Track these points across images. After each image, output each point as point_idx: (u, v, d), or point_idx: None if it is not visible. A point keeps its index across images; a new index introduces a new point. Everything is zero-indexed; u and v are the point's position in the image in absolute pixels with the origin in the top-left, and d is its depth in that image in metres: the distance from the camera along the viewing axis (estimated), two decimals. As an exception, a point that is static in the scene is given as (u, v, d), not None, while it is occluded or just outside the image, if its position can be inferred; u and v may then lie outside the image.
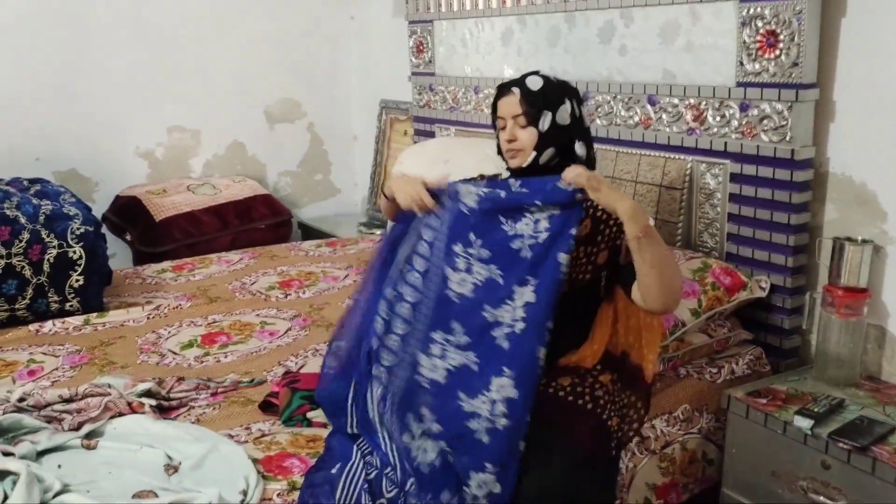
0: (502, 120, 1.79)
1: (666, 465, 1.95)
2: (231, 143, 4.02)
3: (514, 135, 1.76)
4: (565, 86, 1.80)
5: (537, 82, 1.76)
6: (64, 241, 2.46)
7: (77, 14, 3.50)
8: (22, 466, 1.45)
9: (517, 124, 1.75)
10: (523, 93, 1.75)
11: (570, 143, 1.77)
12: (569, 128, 1.76)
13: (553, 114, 1.74)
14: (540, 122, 1.74)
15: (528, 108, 1.74)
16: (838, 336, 1.96)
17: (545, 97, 1.74)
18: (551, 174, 1.70)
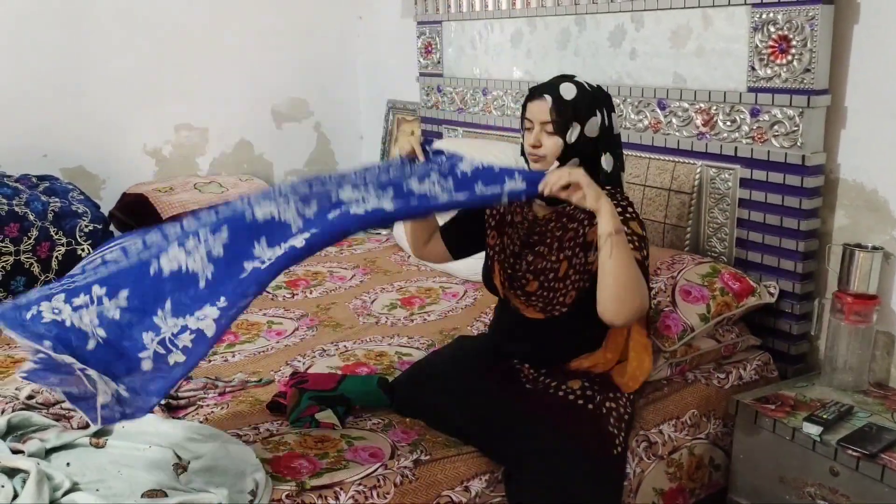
0: (530, 122, 1.77)
1: (673, 471, 1.95)
2: (238, 142, 4.02)
3: (539, 140, 1.75)
4: (598, 95, 1.77)
5: (571, 91, 1.73)
6: (72, 239, 2.46)
7: (86, 10, 3.50)
8: (31, 465, 1.45)
9: (544, 130, 1.74)
10: (555, 101, 1.72)
11: (595, 154, 1.75)
12: (596, 139, 1.75)
13: (582, 126, 1.72)
14: (568, 134, 1.72)
15: (558, 118, 1.72)
16: (847, 343, 1.95)
17: (576, 108, 1.72)
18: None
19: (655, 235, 2.37)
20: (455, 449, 1.70)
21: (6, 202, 2.41)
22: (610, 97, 1.81)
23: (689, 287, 2.08)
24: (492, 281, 1.87)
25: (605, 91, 1.81)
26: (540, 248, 1.80)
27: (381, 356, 2.15)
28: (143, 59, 3.67)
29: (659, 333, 2.00)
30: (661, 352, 2.01)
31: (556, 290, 1.76)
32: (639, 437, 1.88)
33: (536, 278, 1.79)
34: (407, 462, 1.63)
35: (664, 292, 2.07)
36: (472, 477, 1.65)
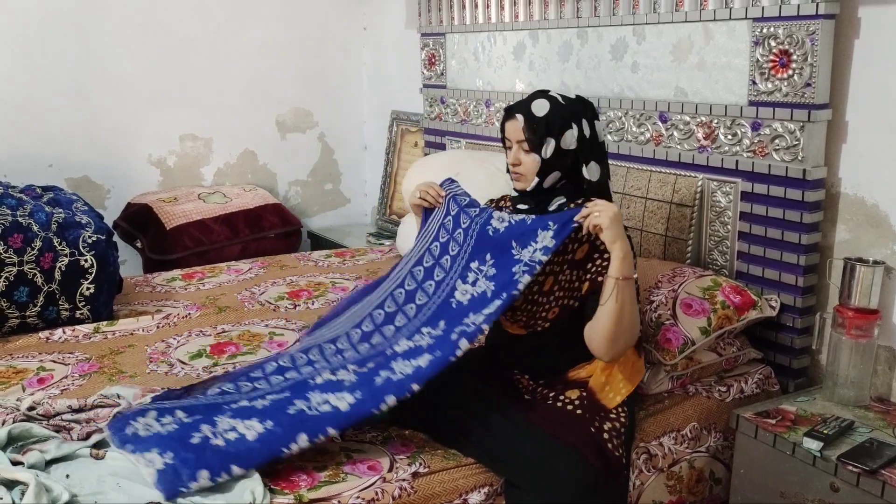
0: (509, 141, 1.80)
1: (673, 484, 1.95)
2: (242, 152, 4.04)
3: (518, 159, 1.78)
4: (575, 107, 1.78)
5: (543, 107, 1.75)
6: (76, 250, 2.47)
7: (91, 22, 3.54)
8: (31, 477, 1.45)
9: (521, 149, 1.77)
10: (527, 119, 1.75)
11: (577, 164, 1.77)
12: (575, 151, 1.76)
13: (557, 140, 1.74)
14: (543, 150, 1.74)
15: (531, 136, 1.74)
16: (848, 357, 1.95)
17: (549, 124, 1.73)
18: (557, 195, 1.76)
19: (656, 248, 2.37)
20: (454, 461, 1.69)
21: (10, 213, 2.42)
22: (591, 106, 1.82)
23: (690, 300, 2.08)
24: None
25: (584, 102, 1.82)
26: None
27: (382, 368, 2.15)
28: (148, 69, 3.70)
29: (659, 346, 2.00)
30: (661, 365, 2.01)
31: (539, 304, 1.77)
32: (639, 449, 1.88)
33: (524, 292, 1.79)
34: (405, 475, 1.62)
35: (665, 305, 2.07)
36: (471, 489, 1.65)
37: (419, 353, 1.69)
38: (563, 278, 1.74)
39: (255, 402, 1.70)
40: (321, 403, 1.64)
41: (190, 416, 1.67)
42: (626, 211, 2.44)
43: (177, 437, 1.60)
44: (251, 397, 1.73)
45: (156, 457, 1.55)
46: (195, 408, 1.71)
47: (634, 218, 2.42)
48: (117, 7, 3.58)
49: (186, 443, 1.57)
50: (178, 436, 1.60)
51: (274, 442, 1.58)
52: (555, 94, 1.80)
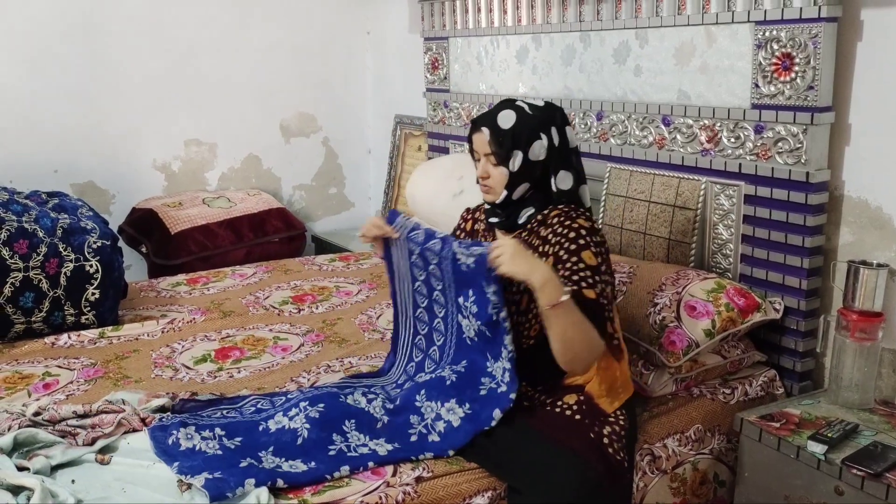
0: (476, 154, 1.77)
1: (677, 486, 1.95)
2: (246, 157, 4.05)
3: (486, 172, 1.75)
4: (543, 116, 1.74)
5: (509, 119, 1.71)
6: (81, 255, 2.48)
7: (96, 28, 3.55)
8: (36, 482, 1.46)
9: (489, 161, 1.74)
10: (493, 132, 1.71)
11: (546, 174, 1.75)
12: (545, 161, 1.74)
13: (525, 152, 1.71)
14: (510, 163, 1.71)
15: (498, 149, 1.71)
16: (853, 360, 1.94)
17: (515, 136, 1.70)
18: (526, 206, 1.76)
19: (659, 251, 2.37)
20: (457, 466, 1.70)
21: (16, 219, 2.44)
22: (560, 113, 1.78)
23: (695, 302, 2.08)
24: None
25: (553, 108, 1.78)
26: (503, 280, 1.78)
27: (386, 372, 2.15)
28: (153, 75, 3.71)
29: (664, 349, 2.00)
30: (665, 367, 2.02)
31: (520, 323, 1.76)
32: (643, 450, 1.88)
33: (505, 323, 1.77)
34: (409, 479, 1.63)
35: (669, 308, 2.07)
36: (475, 494, 1.65)
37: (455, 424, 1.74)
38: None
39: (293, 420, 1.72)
40: (359, 446, 1.68)
41: (231, 438, 1.69)
42: (630, 214, 2.44)
43: (224, 460, 1.62)
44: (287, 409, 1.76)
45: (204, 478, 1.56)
46: (235, 427, 1.73)
47: (638, 221, 2.42)
48: (122, 14, 3.59)
49: (235, 467, 1.59)
50: (225, 459, 1.62)
51: (318, 473, 1.62)
52: (522, 102, 1.76)
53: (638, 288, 2.15)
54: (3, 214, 2.43)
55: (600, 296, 1.65)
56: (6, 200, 2.52)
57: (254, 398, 1.90)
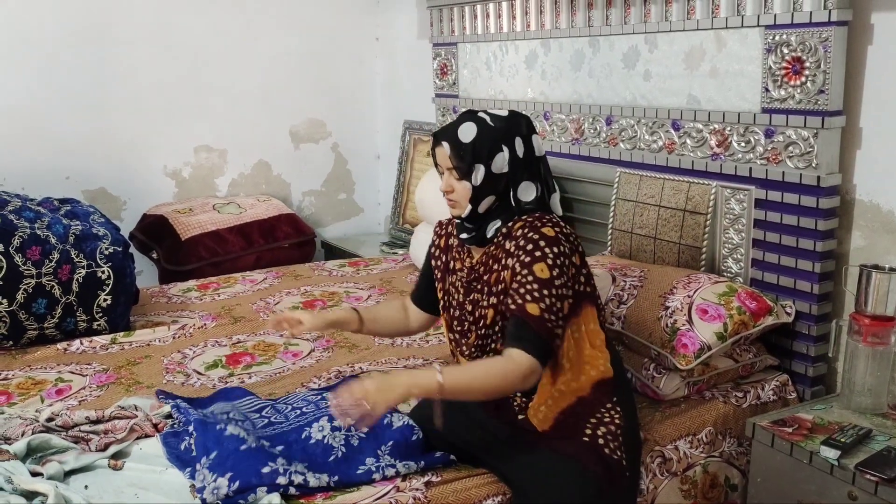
0: (440, 167, 1.75)
1: (688, 488, 1.94)
2: (256, 163, 4.07)
3: (449, 186, 1.72)
4: (505, 127, 1.70)
5: (469, 132, 1.67)
6: (93, 262, 2.50)
7: (107, 36, 3.58)
8: (50, 488, 1.47)
9: (452, 176, 1.71)
10: (453, 146, 1.68)
11: (511, 186, 1.71)
12: (508, 173, 1.70)
13: (487, 166, 1.67)
14: (473, 177, 1.68)
15: (459, 164, 1.68)
16: (865, 364, 1.93)
17: (475, 150, 1.66)
18: (493, 218, 1.72)
19: (670, 256, 2.37)
20: (466, 471, 1.70)
21: (28, 226, 2.45)
22: (526, 121, 1.74)
23: (706, 306, 2.08)
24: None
25: (518, 117, 1.73)
26: (475, 295, 1.76)
27: (396, 378, 2.15)
28: (163, 82, 3.73)
29: (675, 352, 2.00)
30: (678, 370, 2.01)
31: (487, 336, 1.72)
32: (653, 452, 1.88)
33: (475, 329, 1.75)
34: (418, 484, 1.63)
35: (680, 311, 2.06)
36: (484, 498, 1.65)
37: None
38: (504, 308, 1.67)
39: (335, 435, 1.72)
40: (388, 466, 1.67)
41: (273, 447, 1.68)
42: (640, 219, 2.44)
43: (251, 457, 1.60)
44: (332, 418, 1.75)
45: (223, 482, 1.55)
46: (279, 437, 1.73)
47: (648, 226, 2.42)
48: (133, 22, 3.62)
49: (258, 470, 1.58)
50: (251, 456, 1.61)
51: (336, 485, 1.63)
52: (484, 114, 1.72)
53: (649, 291, 2.15)
54: (16, 221, 2.44)
55: (545, 311, 1.57)
56: (19, 207, 2.53)
57: (256, 403, 1.90)
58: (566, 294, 1.62)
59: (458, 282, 1.81)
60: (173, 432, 1.73)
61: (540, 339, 1.56)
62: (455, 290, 1.82)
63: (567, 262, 1.64)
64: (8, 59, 3.39)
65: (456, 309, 1.81)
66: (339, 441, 1.69)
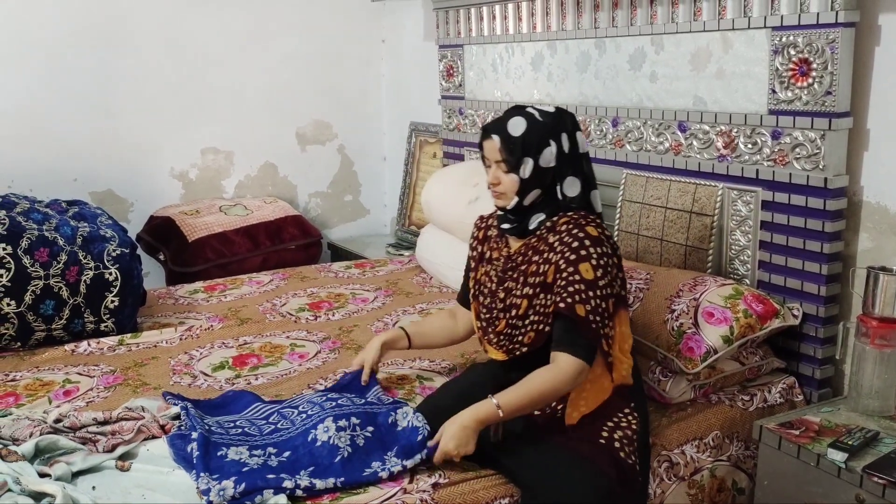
0: (487, 160, 1.78)
1: (695, 493, 1.94)
2: (263, 164, 4.07)
3: (496, 178, 1.76)
4: (554, 122, 1.75)
5: (519, 126, 1.72)
6: (100, 263, 2.51)
7: (114, 40, 3.59)
8: (58, 489, 1.47)
9: (500, 168, 1.74)
10: (503, 139, 1.72)
11: (556, 180, 1.75)
12: (554, 168, 1.74)
13: (535, 159, 1.71)
14: (521, 170, 1.72)
15: (508, 157, 1.72)
16: (873, 367, 1.93)
17: (525, 143, 1.71)
18: (536, 211, 1.77)
19: (676, 258, 2.36)
20: (473, 472, 1.70)
21: (37, 227, 2.46)
22: (571, 118, 1.79)
23: (712, 309, 2.07)
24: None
25: (564, 114, 1.78)
26: (509, 284, 1.80)
27: (403, 380, 2.16)
28: (170, 84, 3.75)
29: (682, 355, 2.00)
30: (684, 374, 2.01)
31: (517, 328, 1.75)
32: (660, 457, 1.88)
33: (505, 316, 1.79)
34: (426, 486, 1.63)
35: (687, 314, 2.06)
36: (492, 500, 1.65)
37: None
38: (538, 302, 1.71)
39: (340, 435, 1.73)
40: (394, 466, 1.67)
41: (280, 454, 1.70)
42: (646, 221, 2.43)
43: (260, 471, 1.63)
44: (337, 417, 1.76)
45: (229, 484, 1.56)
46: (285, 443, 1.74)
47: (654, 228, 2.41)
48: (139, 25, 3.63)
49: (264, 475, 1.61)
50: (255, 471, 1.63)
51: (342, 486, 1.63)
52: (532, 109, 1.76)
53: (655, 294, 2.14)
54: (24, 223, 2.45)
55: (591, 313, 1.64)
56: (27, 209, 2.55)
57: (264, 410, 1.91)
58: (610, 293, 1.69)
59: (492, 270, 1.87)
60: (180, 434, 1.74)
61: (587, 340, 1.64)
62: (488, 278, 1.87)
63: (610, 262, 1.70)
64: (15, 61, 3.41)
65: (487, 297, 1.85)
66: (344, 441, 1.69)
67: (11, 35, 3.39)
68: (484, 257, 1.91)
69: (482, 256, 1.92)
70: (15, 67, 3.41)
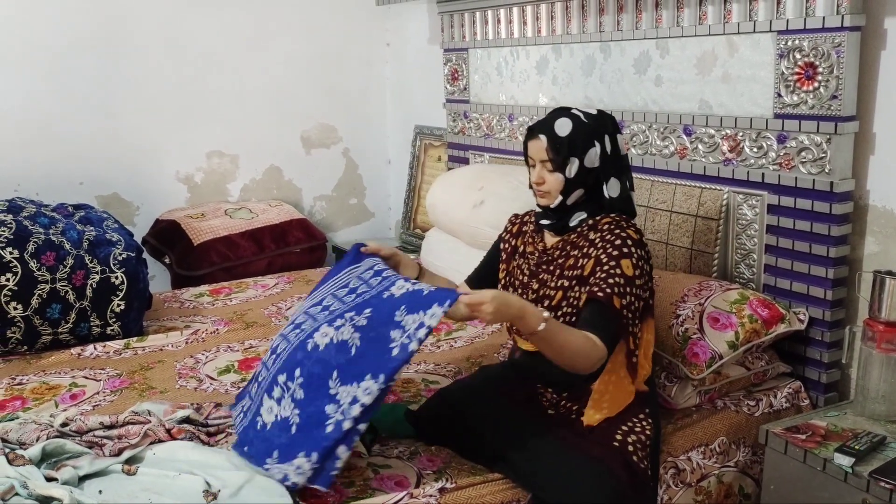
0: (532, 160, 1.82)
1: (702, 499, 1.93)
2: (268, 168, 4.08)
3: (541, 177, 1.79)
4: (597, 123, 1.79)
5: (566, 126, 1.76)
6: (106, 267, 2.51)
7: (118, 44, 3.60)
8: (65, 493, 1.48)
9: (545, 168, 1.78)
10: (550, 139, 1.76)
11: (599, 181, 1.79)
12: (598, 168, 1.78)
13: (581, 160, 1.75)
14: (567, 169, 1.76)
15: (555, 156, 1.75)
16: (879, 371, 1.92)
17: (572, 143, 1.75)
18: (578, 210, 1.79)
19: (682, 261, 2.36)
20: (481, 476, 1.70)
21: (43, 231, 2.47)
22: (612, 121, 1.83)
23: (718, 314, 2.07)
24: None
25: (606, 116, 1.83)
26: (544, 276, 1.83)
27: (408, 383, 2.16)
28: (175, 88, 3.75)
29: (687, 361, 1.99)
30: (689, 379, 2.00)
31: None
32: (667, 463, 1.87)
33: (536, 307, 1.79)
34: (432, 490, 1.63)
35: (692, 319, 2.06)
36: (499, 506, 1.65)
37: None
38: (572, 294, 1.74)
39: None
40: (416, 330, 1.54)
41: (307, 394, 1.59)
42: (651, 224, 2.43)
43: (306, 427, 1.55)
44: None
45: (303, 462, 1.53)
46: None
47: (660, 231, 2.41)
48: (144, 28, 3.64)
49: (322, 433, 1.53)
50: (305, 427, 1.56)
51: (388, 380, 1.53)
52: (577, 111, 1.81)
53: (660, 299, 2.14)
54: (31, 227, 2.46)
55: (625, 308, 1.67)
56: (34, 213, 2.55)
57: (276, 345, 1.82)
58: (643, 295, 1.72)
59: (524, 263, 1.89)
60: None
61: (615, 331, 1.66)
62: (520, 271, 1.89)
63: (646, 266, 1.74)
64: (21, 65, 3.42)
65: (518, 289, 1.88)
66: (348, 333, 1.58)
67: (17, 40, 3.40)
68: (517, 251, 1.94)
69: (515, 250, 1.95)
70: (21, 72, 3.42)
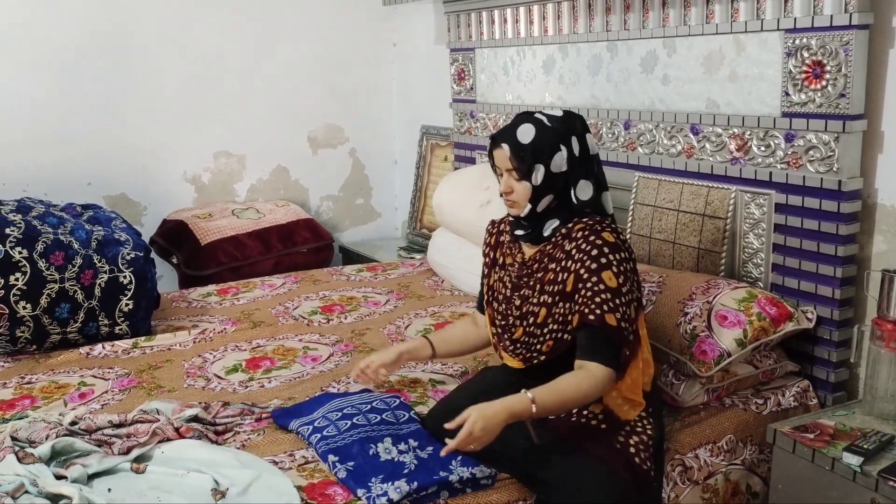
0: (499, 169, 1.77)
1: (709, 497, 1.93)
2: (275, 168, 4.09)
3: (509, 186, 1.75)
4: (563, 126, 1.74)
5: (528, 133, 1.71)
6: (115, 267, 2.52)
7: (126, 42, 3.61)
8: (74, 491, 1.48)
9: (511, 176, 1.74)
10: (512, 147, 1.71)
11: (569, 185, 1.74)
12: (566, 172, 1.73)
13: (546, 165, 1.70)
14: (533, 177, 1.71)
15: (519, 164, 1.71)
16: (888, 371, 1.91)
17: (536, 150, 1.70)
18: (550, 217, 1.76)
19: (689, 261, 2.36)
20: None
21: (52, 231, 2.48)
22: (580, 121, 1.78)
23: (726, 312, 2.07)
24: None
25: (573, 117, 1.77)
26: (525, 291, 1.79)
27: (415, 383, 2.16)
28: (182, 89, 3.77)
29: (695, 359, 1.99)
30: (697, 377, 2.00)
31: (535, 336, 1.75)
32: (674, 461, 1.87)
33: (522, 324, 1.78)
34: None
35: (700, 317, 2.05)
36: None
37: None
38: (557, 311, 1.71)
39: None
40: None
41: (423, 449, 1.71)
42: (659, 224, 2.43)
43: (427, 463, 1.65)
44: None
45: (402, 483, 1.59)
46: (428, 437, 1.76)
47: (667, 231, 2.41)
48: (151, 29, 3.65)
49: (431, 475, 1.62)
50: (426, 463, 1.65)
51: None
52: (540, 115, 1.75)
53: (668, 297, 2.14)
54: (40, 227, 2.47)
55: (621, 320, 1.64)
56: (42, 213, 2.56)
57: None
58: (632, 298, 1.70)
59: (505, 276, 1.86)
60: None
61: (616, 348, 1.65)
62: (502, 284, 1.86)
63: (628, 267, 1.70)
64: (30, 67, 3.44)
65: (501, 304, 1.85)
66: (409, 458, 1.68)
67: (27, 42, 3.41)
68: (497, 263, 1.91)
69: (495, 262, 1.92)
70: (29, 73, 3.44)
